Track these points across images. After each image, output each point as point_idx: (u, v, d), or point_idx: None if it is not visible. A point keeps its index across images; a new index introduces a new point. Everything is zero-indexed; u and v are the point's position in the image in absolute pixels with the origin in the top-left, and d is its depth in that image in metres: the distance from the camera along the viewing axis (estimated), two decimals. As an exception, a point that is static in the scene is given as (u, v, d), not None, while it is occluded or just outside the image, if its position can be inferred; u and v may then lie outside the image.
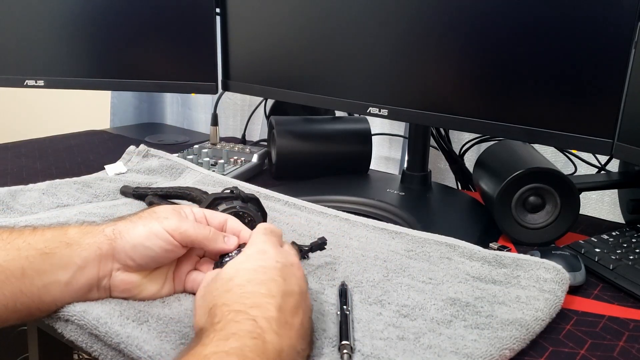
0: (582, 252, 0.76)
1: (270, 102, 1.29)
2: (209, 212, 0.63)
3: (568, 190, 0.80)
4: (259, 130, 1.51)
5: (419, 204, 0.94)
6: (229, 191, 0.71)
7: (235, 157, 1.11)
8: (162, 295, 0.60)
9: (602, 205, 1.13)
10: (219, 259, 0.60)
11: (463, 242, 0.74)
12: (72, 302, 0.56)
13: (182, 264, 0.61)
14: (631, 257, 0.73)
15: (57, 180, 0.92)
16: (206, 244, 0.59)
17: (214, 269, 0.59)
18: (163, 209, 0.60)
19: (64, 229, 0.57)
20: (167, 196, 0.84)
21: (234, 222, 0.63)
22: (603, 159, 1.01)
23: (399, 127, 1.31)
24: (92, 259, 0.56)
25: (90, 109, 1.92)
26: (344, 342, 0.53)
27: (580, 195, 0.81)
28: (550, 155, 1.04)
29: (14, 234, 0.55)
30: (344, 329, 0.55)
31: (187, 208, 0.62)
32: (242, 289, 0.50)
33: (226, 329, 0.45)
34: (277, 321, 0.47)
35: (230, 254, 0.59)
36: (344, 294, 0.61)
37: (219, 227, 0.62)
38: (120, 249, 0.56)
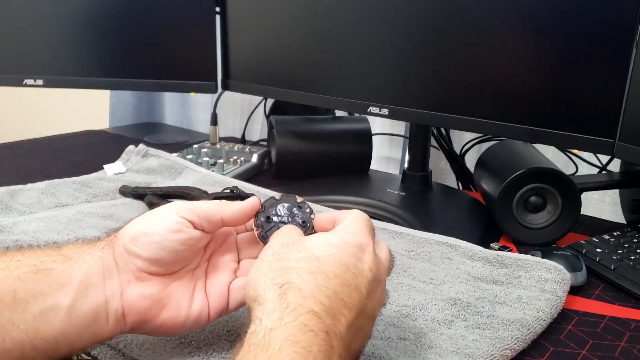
0: (584, 252, 0.75)
1: (270, 101, 1.29)
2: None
3: (569, 190, 0.80)
4: (258, 130, 1.51)
5: (419, 204, 0.94)
6: (228, 191, 0.71)
7: (235, 157, 1.10)
8: (193, 314, 0.49)
9: (603, 205, 1.13)
10: (262, 225, 0.51)
11: (464, 242, 0.74)
12: (77, 338, 0.45)
13: (215, 273, 0.51)
14: (632, 258, 0.73)
15: (56, 180, 0.92)
16: (221, 211, 0.49)
17: (259, 231, 0.50)
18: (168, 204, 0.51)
19: (58, 247, 0.48)
20: (166, 196, 0.84)
21: None
22: (604, 158, 1.01)
23: (400, 127, 1.31)
24: (95, 272, 0.46)
25: (89, 109, 1.91)
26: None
27: (581, 195, 0.80)
28: (551, 155, 1.04)
29: None
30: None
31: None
32: (326, 281, 0.42)
33: (297, 327, 0.39)
34: (343, 341, 0.41)
35: (276, 214, 0.51)
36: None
37: None
38: (121, 251, 0.47)
